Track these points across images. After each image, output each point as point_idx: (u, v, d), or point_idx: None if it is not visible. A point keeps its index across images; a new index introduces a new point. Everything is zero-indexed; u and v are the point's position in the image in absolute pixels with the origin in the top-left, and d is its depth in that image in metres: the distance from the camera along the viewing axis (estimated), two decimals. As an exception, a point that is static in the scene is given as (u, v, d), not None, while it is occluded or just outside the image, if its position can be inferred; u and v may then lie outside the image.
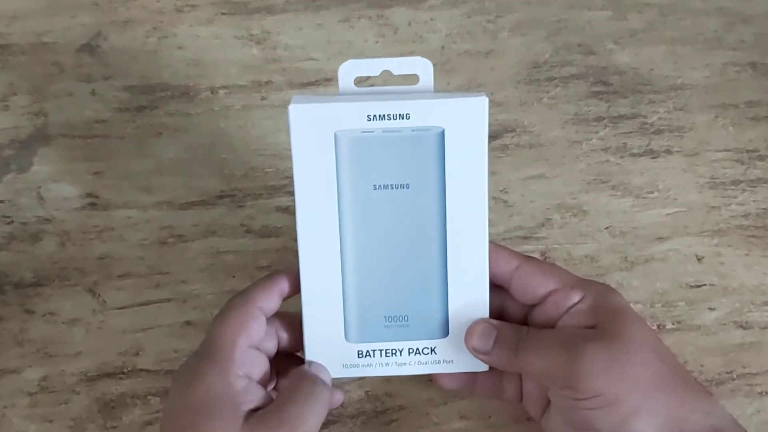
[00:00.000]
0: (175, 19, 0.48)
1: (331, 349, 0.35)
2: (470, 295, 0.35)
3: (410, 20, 0.48)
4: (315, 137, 0.33)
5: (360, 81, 0.36)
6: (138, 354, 0.41)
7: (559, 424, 0.35)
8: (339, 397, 0.37)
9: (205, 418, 0.31)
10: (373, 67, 0.35)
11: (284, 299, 0.36)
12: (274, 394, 0.34)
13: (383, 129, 0.33)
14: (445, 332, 0.35)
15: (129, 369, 0.41)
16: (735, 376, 0.41)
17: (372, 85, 0.44)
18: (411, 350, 0.35)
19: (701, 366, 0.41)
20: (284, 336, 0.36)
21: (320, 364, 0.35)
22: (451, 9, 0.49)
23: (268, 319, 0.35)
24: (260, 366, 0.34)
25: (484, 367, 0.35)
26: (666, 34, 0.48)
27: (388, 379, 0.40)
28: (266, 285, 0.34)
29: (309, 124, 0.33)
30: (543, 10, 0.49)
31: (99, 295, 0.42)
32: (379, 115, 0.33)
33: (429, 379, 0.40)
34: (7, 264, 0.43)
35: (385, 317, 0.35)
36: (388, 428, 0.39)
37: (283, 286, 0.35)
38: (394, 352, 0.35)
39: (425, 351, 0.35)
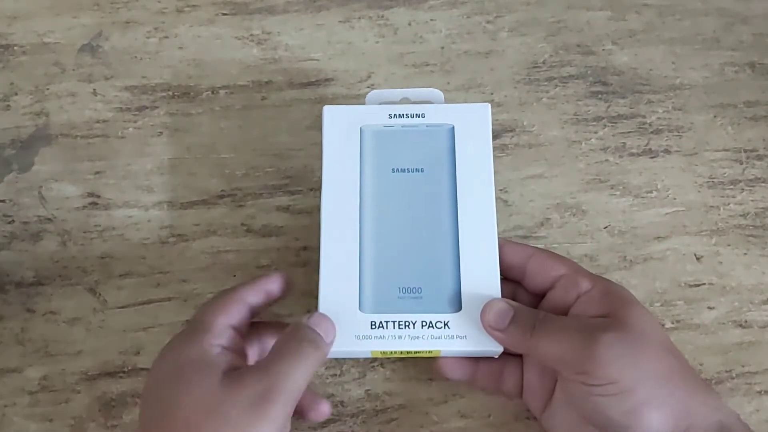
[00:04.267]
0: (176, 20, 0.48)
1: (345, 319, 0.36)
2: (481, 271, 0.37)
3: (410, 20, 0.48)
4: (343, 131, 0.39)
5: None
6: (138, 353, 0.41)
7: (561, 417, 0.35)
8: (325, 409, 0.37)
9: (181, 380, 0.32)
10: (393, 95, 0.42)
11: (272, 301, 0.37)
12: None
13: (402, 124, 0.40)
14: (458, 306, 0.36)
15: (129, 368, 0.41)
16: (734, 375, 0.41)
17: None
18: (424, 323, 0.36)
19: (700, 365, 0.41)
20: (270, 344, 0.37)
21: (323, 315, 0.35)
22: (451, 9, 0.49)
23: (257, 325, 0.37)
24: (237, 342, 0.35)
25: (498, 349, 0.35)
26: (665, 34, 0.48)
27: (388, 378, 0.41)
28: (253, 281, 0.37)
29: (339, 120, 0.39)
30: (542, 10, 0.49)
31: (100, 295, 0.42)
32: (399, 114, 0.40)
33: (430, 378, 0.40)
34: (9, 263, 0.43)
35: (399, 288, 0.36)
36: (388, 427, 0.40)
37: (271, 286, 0.37)
38: (407, 324, 0.36)
39: (438, 325, 0.36)
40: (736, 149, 0.46)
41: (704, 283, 0.43)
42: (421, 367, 0.41)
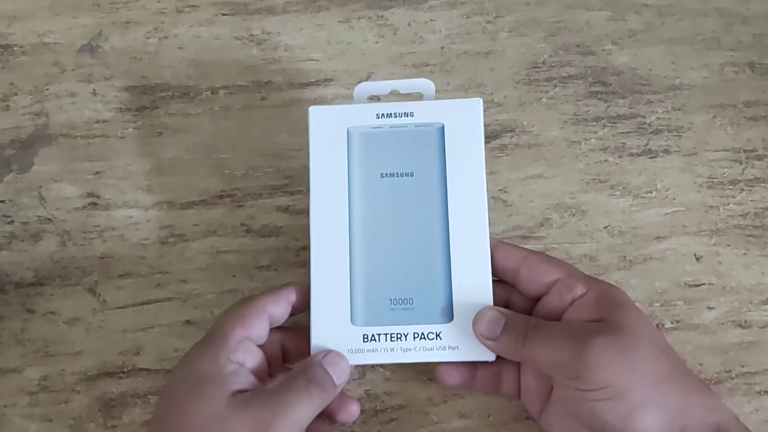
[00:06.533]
0: (176, 20, 0.48)
1: (337, 333, 0.36)
2: (473, 279, 0.36)
3: (410, 21, 0.48)
4: (330, 133, 0.38)
5: (372, 99, 0.40)
6: (138, 353, 0.41)
7: (558, 420, 0.35)
8: (354, 410, 0.37)
9: (192, 393, 0.32)
10: (383, 87, 0.40)
11: (294, 313, 0.37)
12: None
13: (390, 125, 0.38)
14: (450, 317, 0.36)
15: (129, 368, 0.41)
16: (734, 375, 0.41)
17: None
18: (416, 335, 0.36)
19: (700, 365, 0.41)
20: (289, 347, 0.37)
21: (340, 355, 0.35)
22: (451, 9, 0.49)
23: (274, 330, 0.36)
24: (255, 357, 0.35)
25: (491, 357, 0.35)
26: (664, 34, 0.48)
27: (387, 378, 0.41)
28: (275, 291, 0.36)
29: (325, 122, 0.38)
30: (542, 10, 0.49)
31: (99, 295, 0.42)
32: (387, 114, 0.38)
33: (429, 378, 0.40)
34: (8, 263, 0.43)
35: (390, 300, 0.36)
36: (387, 427, 0.40)
37: (292, 296, 0.36)
38: (399, 336, 0.36)
39: (430, 336, 0.36)
40: (736, 149, 0.46)
41: (704, 283, 0.43)
42: (421, 367, 0.41)
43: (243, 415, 0.31)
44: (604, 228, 0.44)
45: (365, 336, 0.36)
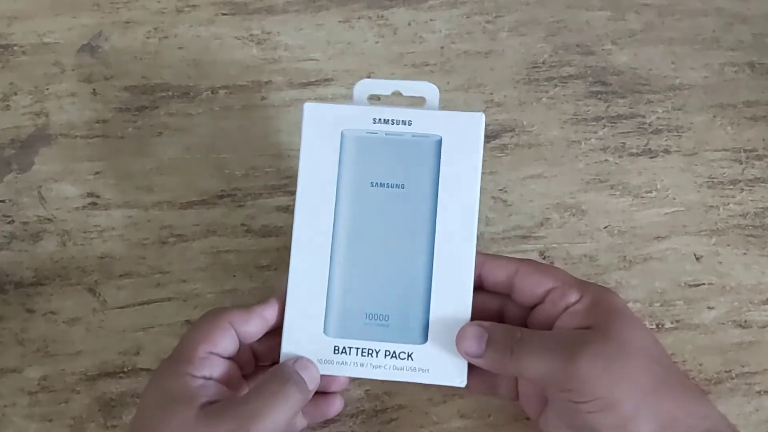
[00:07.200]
0: (176, 20, 0.48)
1: (308, 341, 0.35)
2: (453, 303, 0.35)
3: (410, 20, 0.48)
4: (324, 133, 0.36)
5: (373, 100, 0.39)
6: (138, 353, 0.41)
7: (556, 423, 0.35)
8: (338, 405, 0.37)
9: (160, 412, 0.32)
10: (385, 87, 0.38)
11: (271, 329, 0.36)
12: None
13: (386, 132, 0.36)
14: (424, 338, 0.35)
15: (129, 368, 0.41)
16: (734, 375, 0.41)
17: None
18: (388, 353, 0.35)
19: (700, 365, 0.41)
20: (259, 351, 0.37)
21: (310, 361, 0.35)
22: (451, 9, 0.49)
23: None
24: (223, 368, 0.34)
25: (462, 382, 0.35)
26: (664, 34, 0.48)
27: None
28: (246, 310, 0.35)
29: (320, 121, 0.37)
30: (542, 10, 0.49)
31: (99, 295, 0.42)
32: (384, 119, 0.36)
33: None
34: (8, 263, 0.43)
35: (366, 314, 0.35)
36: (387, 427, 0.40)
37: (267, 312, 0.35)
38: (370, 352, 0.35)
39: (402, 356, 0.35)
40: (736, 149, 0.46)
41: (704, 283, 0.43)
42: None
43: (214, 427, 0.31)
44: (604, 228, 0.44)
45: (336, 348, 0.35)
